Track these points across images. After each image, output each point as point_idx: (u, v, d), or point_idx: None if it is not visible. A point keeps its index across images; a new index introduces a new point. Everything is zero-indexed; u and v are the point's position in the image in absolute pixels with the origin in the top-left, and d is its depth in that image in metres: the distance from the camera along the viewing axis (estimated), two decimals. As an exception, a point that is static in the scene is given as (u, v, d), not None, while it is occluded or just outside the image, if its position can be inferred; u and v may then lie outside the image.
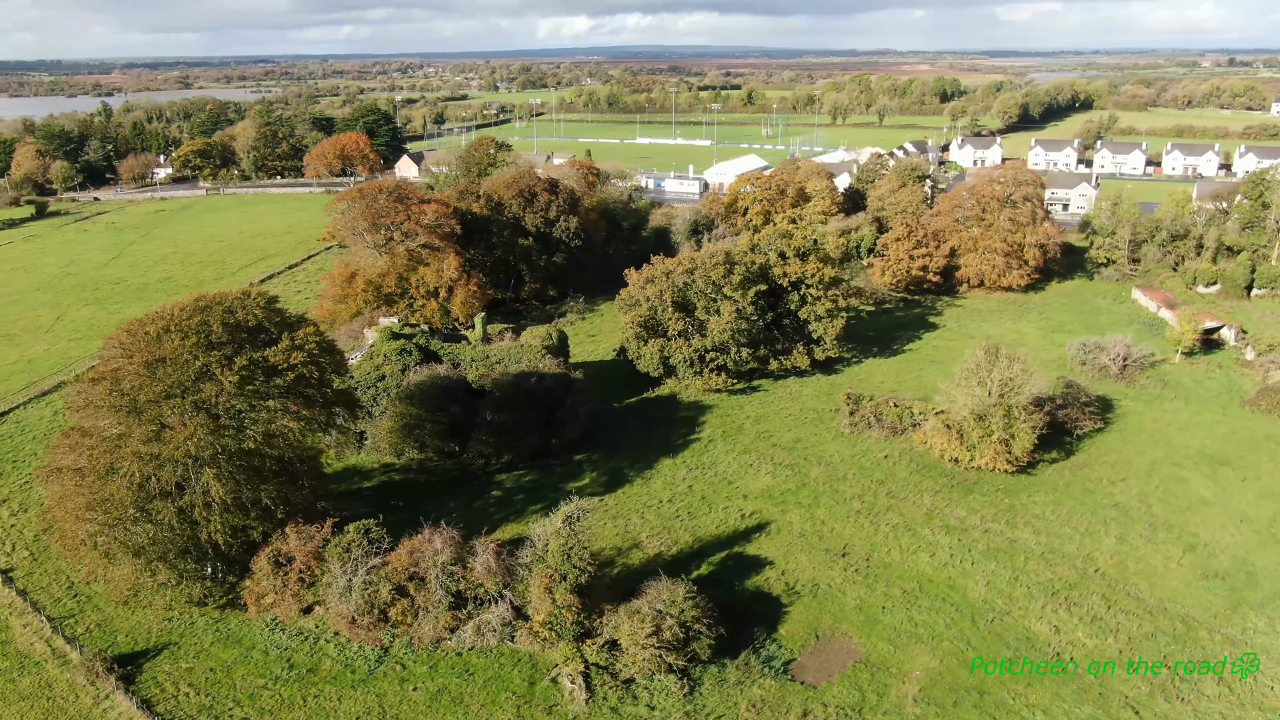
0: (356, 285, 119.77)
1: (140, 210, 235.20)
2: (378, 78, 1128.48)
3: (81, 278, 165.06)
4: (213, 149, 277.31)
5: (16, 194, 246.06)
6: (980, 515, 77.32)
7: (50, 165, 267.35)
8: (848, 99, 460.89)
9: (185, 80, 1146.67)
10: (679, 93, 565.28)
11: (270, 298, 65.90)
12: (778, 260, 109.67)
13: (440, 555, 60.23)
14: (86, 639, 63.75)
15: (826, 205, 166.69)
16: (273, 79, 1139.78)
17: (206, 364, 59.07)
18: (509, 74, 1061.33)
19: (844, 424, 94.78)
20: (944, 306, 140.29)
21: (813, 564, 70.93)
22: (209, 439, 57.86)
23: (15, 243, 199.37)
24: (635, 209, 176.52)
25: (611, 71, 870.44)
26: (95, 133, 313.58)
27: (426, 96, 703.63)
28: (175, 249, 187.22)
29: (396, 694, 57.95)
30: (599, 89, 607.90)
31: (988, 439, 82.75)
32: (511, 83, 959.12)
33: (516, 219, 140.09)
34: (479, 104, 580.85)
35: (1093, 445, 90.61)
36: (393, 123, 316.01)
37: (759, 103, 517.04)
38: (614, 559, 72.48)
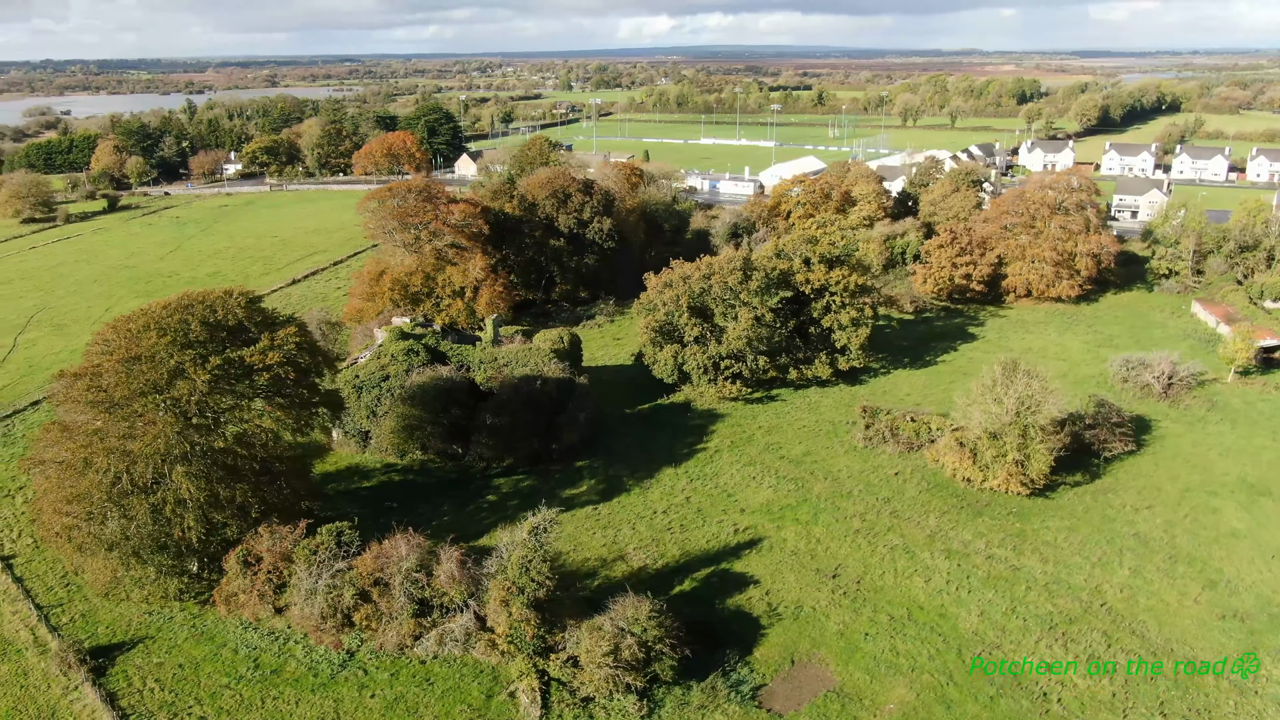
0: (383, 284, 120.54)
1: (205, 205, 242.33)
2: (457, 76, 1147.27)
3: (137, 270, 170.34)
4: (279, 146, 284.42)
5: (93, 188, 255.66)
6: (986, 540, 73.53)
7: (126, 161, 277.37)
8: (919, 100, 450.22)
9: (273, 79, 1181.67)
10: (745, 93, 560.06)
11: (252, 297, 66.15)
12: (801, 266, 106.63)
13: (404, 562, 59.52)
14: (69, 629, 64.86)
15: (873, 209, 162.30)
16: (356, 78, 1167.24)
17: (180, 362, 59.41)
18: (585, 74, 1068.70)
19: (858, 438, 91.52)
20: (987, 317, 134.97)
21: (800, 584, 68.26)
22: (179, 437, 58.15)
23: (84, 235, 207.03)
24: (678, 211, 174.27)
25: (685, 71, 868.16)
26: (172, 129, 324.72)
27: (500, 96, 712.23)
28: (231, 244, 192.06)
29: (354, 700, 57.41)
30: (669, 89, 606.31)
31: (1002, 459, 78.80)
32: (586, 82, 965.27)
33: (550, 219, 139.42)
34: (549, 104, 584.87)
35: (1121, 469, 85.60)
36: (454, 121, 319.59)
37: (829, 103, 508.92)
38: (597, 570, 70.93)
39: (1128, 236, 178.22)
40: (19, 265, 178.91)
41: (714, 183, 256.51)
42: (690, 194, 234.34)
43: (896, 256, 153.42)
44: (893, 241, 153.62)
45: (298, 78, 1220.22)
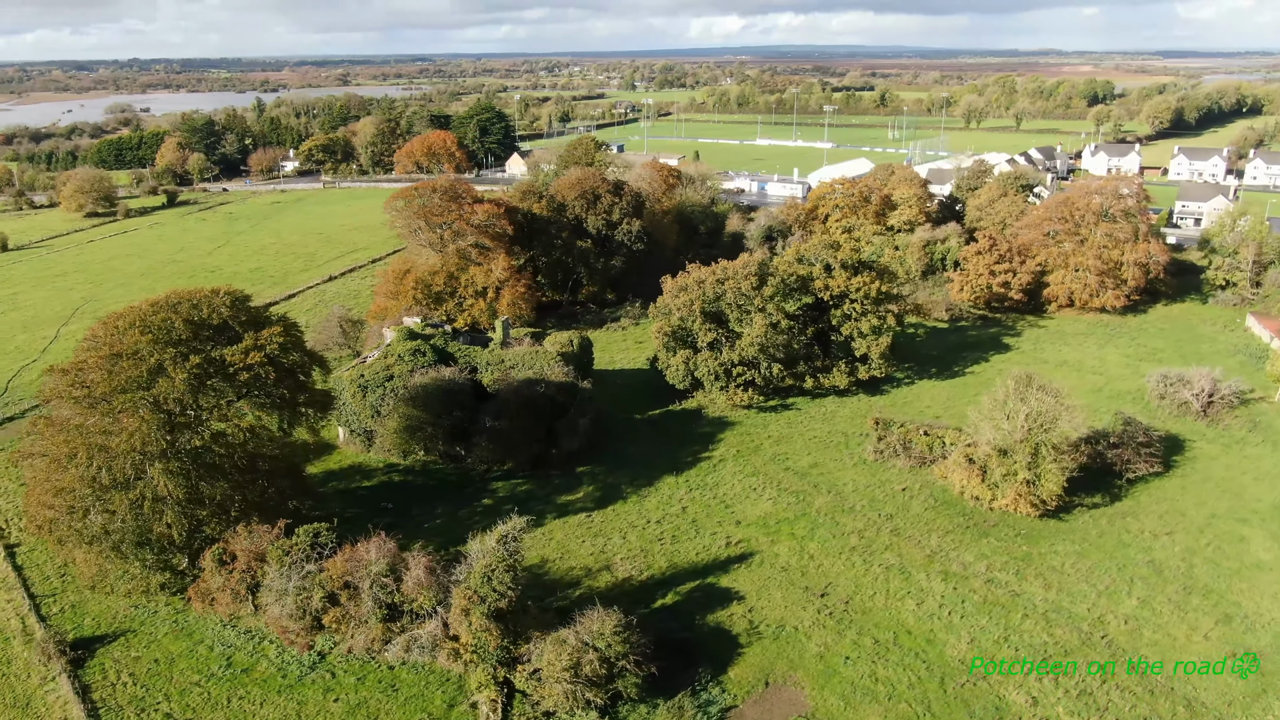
0: (407, 283, 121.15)
1: (259, 201, 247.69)
2: (524, 76, 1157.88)
3: (184, 265, 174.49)
4: (335, 144, 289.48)
5: (155, 184, 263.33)
6: (988, 562, 70.34)
7: (188, 157, 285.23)
8: (984, 102, 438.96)
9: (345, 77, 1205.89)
10: (806, 94, 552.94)
11: (238, 296, 66.48)
12: (821, 273, 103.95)
13: (373, 566, 59.06)
14: (57, 619, 65.96)
15: (914, 214, 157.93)
16: (426, 77, 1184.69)
17: (161, 360, 59.84)
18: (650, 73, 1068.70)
19: (869, 451, 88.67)
20: (1025, 327, 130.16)
21: (786, 602, 66.08)
22: (157, 434, 58.53)
23: (140, 230, 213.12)
24: (715, 213, 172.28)
25: (749, 72, 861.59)
26: (235, 127, 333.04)
27: (562, 95, 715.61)
28: (277, 240, 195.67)
29: (317, 703, 57.15)
30: (730, 89, 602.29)
31: (1011, 478, 75.41)
32: (650, 82, 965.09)
33: (579, 220, 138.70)
34: (609, 104, 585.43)
35: (1145, 491, 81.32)
36: (505, 120, 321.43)
37: (891, 104, 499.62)
38: (581, 579, 69.70)
39: (1187, 245, 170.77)
40: (75, 258, 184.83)
41: (762, 184, 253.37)
42: (736, 195, 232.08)
43: (936, 263, 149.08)
44: (932, 247, 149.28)
45: (369, 76, 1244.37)
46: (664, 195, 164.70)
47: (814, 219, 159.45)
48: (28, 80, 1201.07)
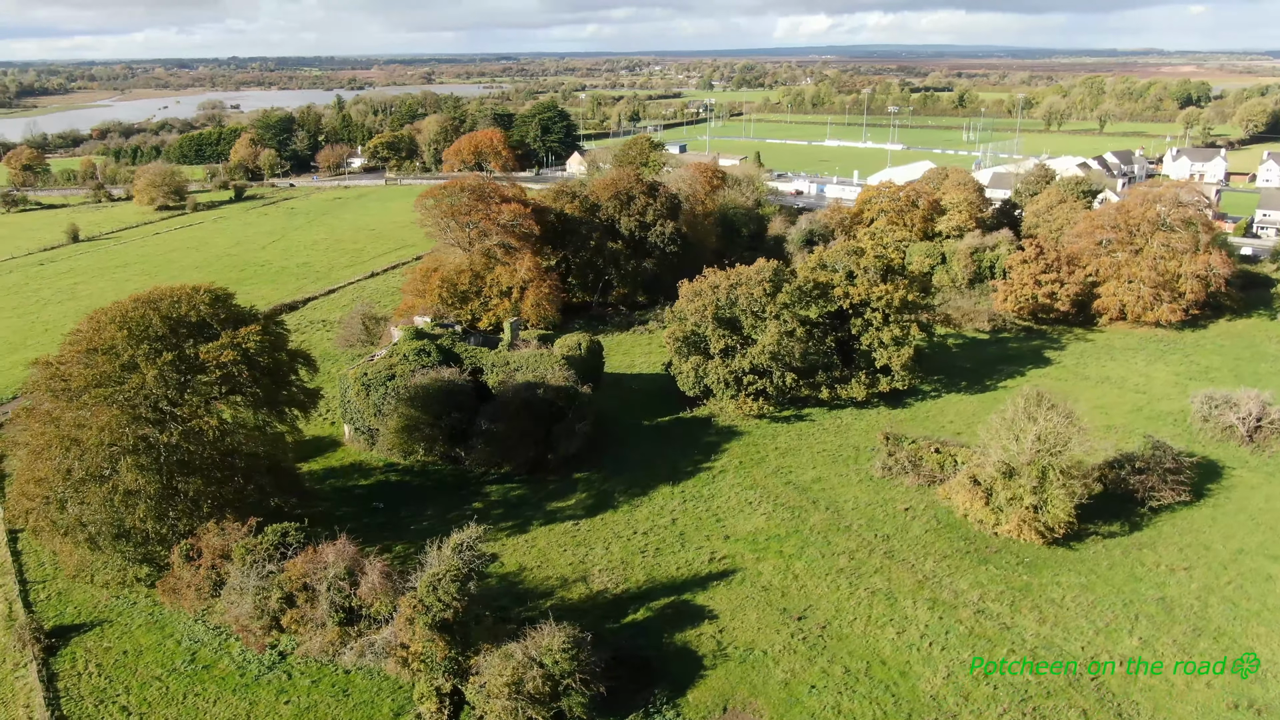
0: (433, 281, 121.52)
1: (322, 197, 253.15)
2: (604, 75, 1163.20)
3: (237, 259, 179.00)
4: (400, 141, 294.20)
5: (227, 179, 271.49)
6: (982, 592, 66.53)
7: (260, 153, 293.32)
8: (1067, 103, 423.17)
9: (430, 76, 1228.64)
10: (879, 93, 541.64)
11: (218, 294, 66.89)
12: (842, 280, 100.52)
13: (330, 569, 58.63)
14: (42, 606, 67.41)
15: (963, 219, 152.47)
16: (508, 76, 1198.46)
17: (134, 356, 60.48)
18: (730, 73, 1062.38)
19: (876, 467, 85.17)
20: (1071, 340, 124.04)
21: (760, 624, 63.55)
22: (128, 429, 59.14)
23: (205, 223, 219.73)
24: (759, 215, 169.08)
25: (827, 72, 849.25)
26: (308, 124, 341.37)
27: (638, 95, 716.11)
28: (329, 235, 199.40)
29: (269, 704, 56.99)
30: (806, 89, 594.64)
31: (1016, 503, 71.30)
32: (728, 81, 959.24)
33: (612, 221, 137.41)
34: (681, 103, 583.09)
35: (1168, 521, 76.12)
36: (568, 119, 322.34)
37: (970, 105, 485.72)
38: (555, 589, 68.32)
39: (1264, 256, 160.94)
40: (139, 249, 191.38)
41: (821, 186, 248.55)
42: (794, 198, 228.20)
43: (984, 270, 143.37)
44: (981, 254, 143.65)
45: (453, 75, 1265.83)
46: (707, 197, 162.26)
47: (859, 223, 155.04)
48: (132, 77, 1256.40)
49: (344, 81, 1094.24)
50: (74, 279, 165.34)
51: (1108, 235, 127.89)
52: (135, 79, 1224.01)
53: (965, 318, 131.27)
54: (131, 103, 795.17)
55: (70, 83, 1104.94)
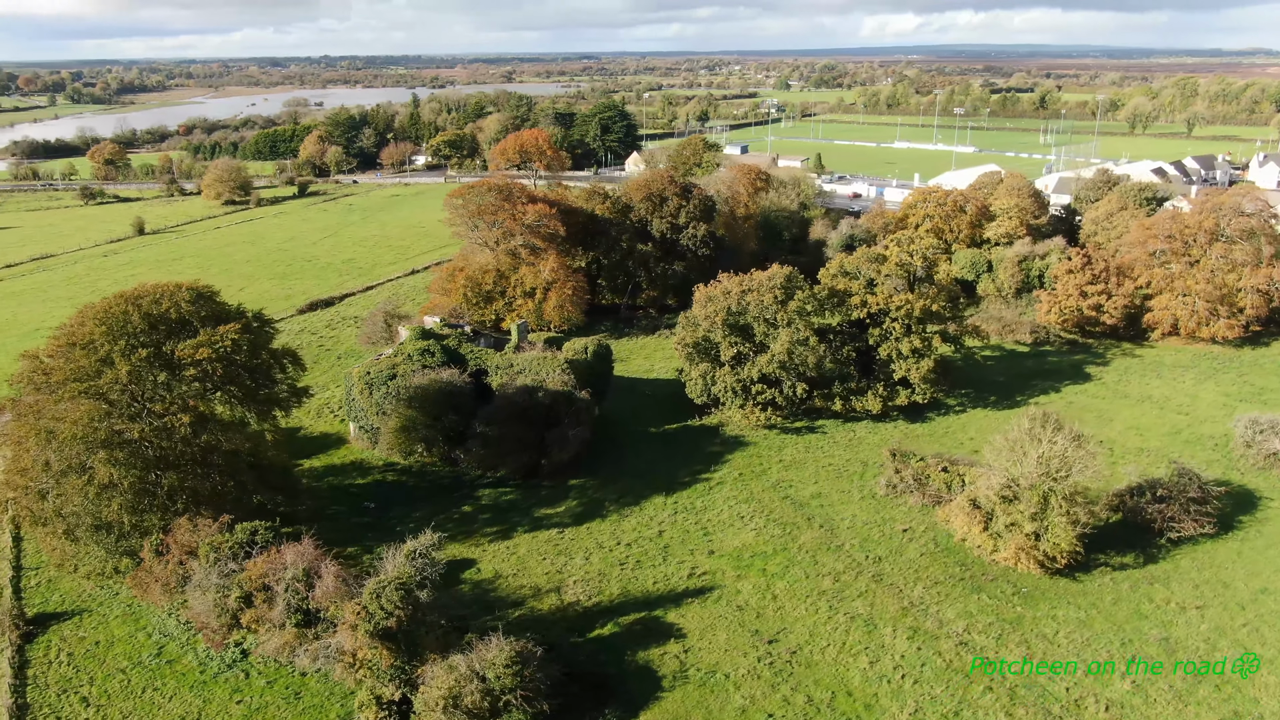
0: (458, 280, 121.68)
1: (381, 194, 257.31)
2: (683, 74, 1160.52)
3: (288, 253, 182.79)
4: (462, 140, 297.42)
5: (293, 175, 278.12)
6: (969, 622, 62.92)
7: (327, 150, 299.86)
8: (1154, 105, 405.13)
9: (510, 74, 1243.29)
10: (959, 93, 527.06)
11: (200, 292, 67.30)
12: (861, 288, 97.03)
13: (287, 571, 58.43)
14: (31, 593, 68.93)
15: (1012, 226, 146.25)
16: (588, 75, 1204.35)
17: (110, 352, 61.28)
18: (811, 72, 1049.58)
19: (881, 484, 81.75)
20: (1117, 355, 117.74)
21: (729, 645, 61.19)
22: (99, 423, 59.90)
23: (265, 218, 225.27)
24: (802, 218, 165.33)
25: (907, 72, 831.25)
26: (377, 122, 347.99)
27: (712, 94, 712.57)
28: (380, 232, 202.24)
29: (221, 703, 56.99)
30: (881, 89, 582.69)
31: (1015, 529, 67.39)
32: (806, 81, 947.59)
33: (643, 223, 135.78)
34: (753, 103, 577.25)
35: (1187, 555, 71.07)
36: (628, 119, 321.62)
37: (1051, 107, 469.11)
38: (526, 599, 67.05)
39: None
40: (197, 243, 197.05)
41: (880, 189, 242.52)
42: (852, 200, 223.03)
43: (1033, 280, 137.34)
44: (1029, 263, 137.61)
45: (533, 74, 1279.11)
46: (750, 199, 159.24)
47: (903, 228, 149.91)
48: (227, 75, 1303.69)
49: (427, 80, 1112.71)
50: (132, 270, 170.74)
51: (1161, 245, 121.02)
52: (229, 76, 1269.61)
53: (1006, 329, 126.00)
54: (223, 100, 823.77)
55: (169, 80, 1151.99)
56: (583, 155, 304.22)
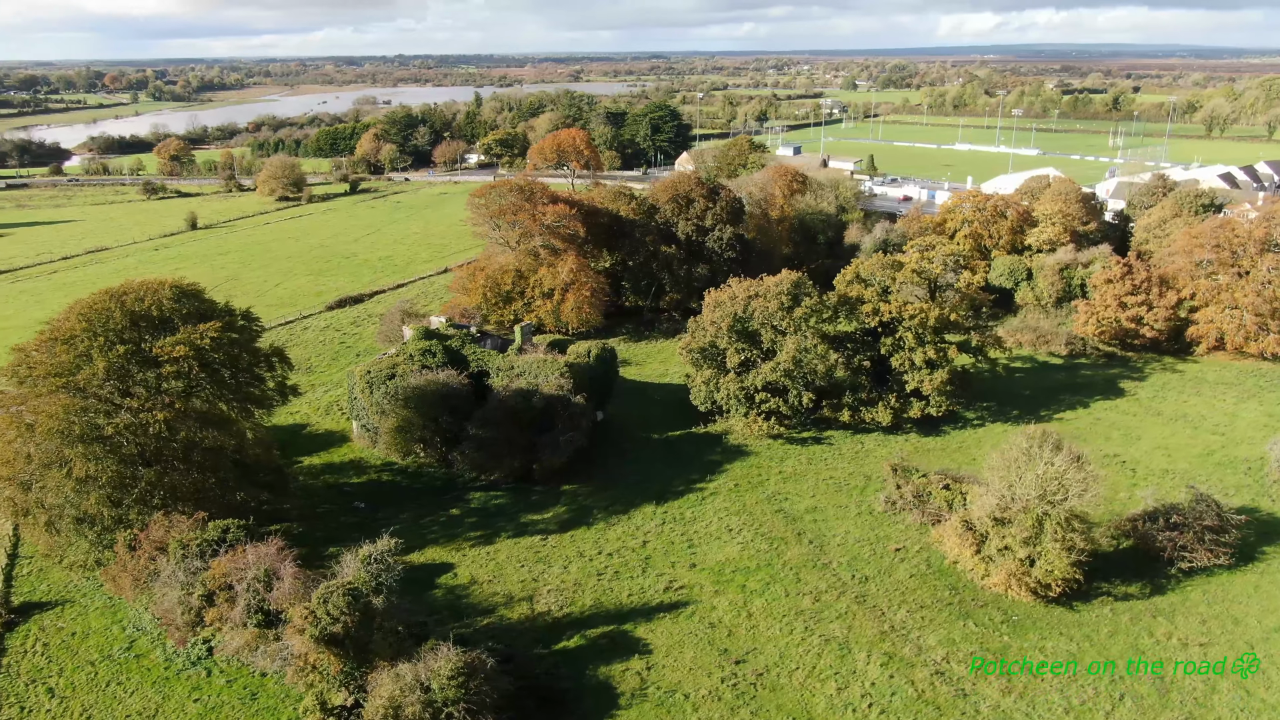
0: (478, 280, 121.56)
1: (429, 192, 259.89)
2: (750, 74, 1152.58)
3: (329, 249, 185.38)
4: (513, 138, 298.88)
5: (346, 172, 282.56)
6: (949, 650, 59.94)
7: (381, 148, 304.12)
8: (1234, 107, 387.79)
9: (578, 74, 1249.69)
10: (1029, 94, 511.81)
11: (183, 289, 67.71)
12: (873, 296, 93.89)
13: (248, 571, 58.33)
14: (22, 581, 70.33)
15: (1055, 233, 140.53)
16: (655, 74, 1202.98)
17: (89, 348, 62.02)
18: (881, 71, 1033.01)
19: (880, 500, 78.79)
20: (1156, 370, 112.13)
21: (694, 665, 59.29)
22: (74, 418, 60.64)
23: (314, 215, 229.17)
24: (838, 222, 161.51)
25: (978, 72, 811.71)
26: (435, 120, 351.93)
27: (776, 94, 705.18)
28: (422, 230, 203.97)
29: (179, 701, 57.15)
30: (948, 90, 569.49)
31: (1007, 553, 64.10)
32: (874, 81, 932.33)
33: (668, 224, 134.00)
34: (814, 103, 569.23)
35: (1199, 587, 66.78)
36: (679, 119, 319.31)
37: (1124, 108, 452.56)
38: (497, 607, 66.06)
39: None
40: (244, 238, 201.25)
41: (932, 192, 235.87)
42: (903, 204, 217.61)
43: (1074, 289, 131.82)
44: (1070, 271, 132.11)
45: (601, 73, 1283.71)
46: (785, 202, 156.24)
47: (940, 233, 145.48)
48: (303, 73, 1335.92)
49: (495, 79, 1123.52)
50: (177, 264, 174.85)
51: (1208, 255, 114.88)
52: (305, 75, 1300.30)
53: (1040, 340, 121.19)
54: (296, 97, 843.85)
55: (248, 79, 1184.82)
56: (633, 155, 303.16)
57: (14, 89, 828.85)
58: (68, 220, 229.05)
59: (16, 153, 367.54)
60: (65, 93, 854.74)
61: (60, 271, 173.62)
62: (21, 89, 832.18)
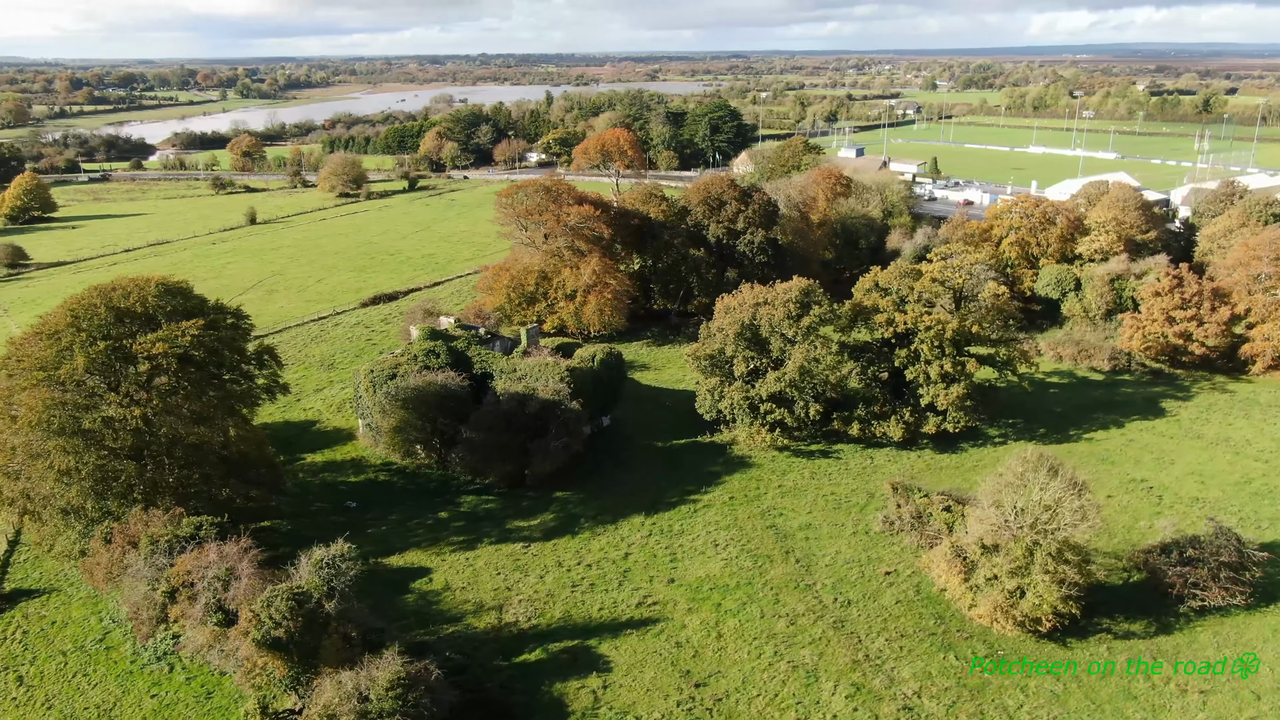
0: (502, 280, 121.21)
1: (486, 190, 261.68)
2: (829, 74, 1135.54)
3: (375, 246, 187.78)
4: (572, 137, 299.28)
5: (407, 170, 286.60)
6: (923, 684, 56.72)
7: (443, 146, 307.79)
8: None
9: (655, 73, 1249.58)
10: (1115, 95, 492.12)
11: (169, 287, 68.21)
12: (889, 305, 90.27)
13: (209, 570, 58.43)
14: (17, 568, 72.16)
15: (1108, 242, 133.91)
16: (732, 74, 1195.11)
17: (71, 343, 63.01)
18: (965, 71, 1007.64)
19: (878, 519, 75.46)
20: (1202, 389, 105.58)
21: (653, 685, 57.34)
22: (54, 411, 61.64)
23: (370, 211, 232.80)
24: (884, 227, 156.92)
25: (1063, 72, 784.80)
26: (499, 118, 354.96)
27: (850, 94, 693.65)
28: (470, 228, 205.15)
29: (137, 695, 57.61)
30: (1029, 91, 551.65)
31: (994, 584, 60.48)
32: (955, 82, 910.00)
33: (699, 227, 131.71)
34: (887, 104, 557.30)
35: (1209, 628, 62.04)
36: (738, 119, 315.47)
37: (1215, 110, 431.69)
38: (465, 615, 65.12)
39: None
40: (297, 234, 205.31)
41: (994, 196, 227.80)
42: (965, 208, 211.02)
43: (1125, 301, 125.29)
44: (1122, 283, 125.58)
45: (678, 72, 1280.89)
46: (828, 205, 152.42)
47: (986, 239, 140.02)
48: (387, 72, 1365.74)
49: (572, 78, 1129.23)
50: (229, 259, 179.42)
51: (1266, 269, 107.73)
52: (389, 73, 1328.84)
53: (1082, 354, 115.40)
54: (377, 95, 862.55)
55: (333, 77, 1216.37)
56: (691, 155, 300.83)
57: (113, 86, 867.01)
58: (138, 214, 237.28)
59: (104, 147, 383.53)
60: (160, 90, 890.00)
61: (121, 263, 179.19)
62: (119, 86, 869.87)
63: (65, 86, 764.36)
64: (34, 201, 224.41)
